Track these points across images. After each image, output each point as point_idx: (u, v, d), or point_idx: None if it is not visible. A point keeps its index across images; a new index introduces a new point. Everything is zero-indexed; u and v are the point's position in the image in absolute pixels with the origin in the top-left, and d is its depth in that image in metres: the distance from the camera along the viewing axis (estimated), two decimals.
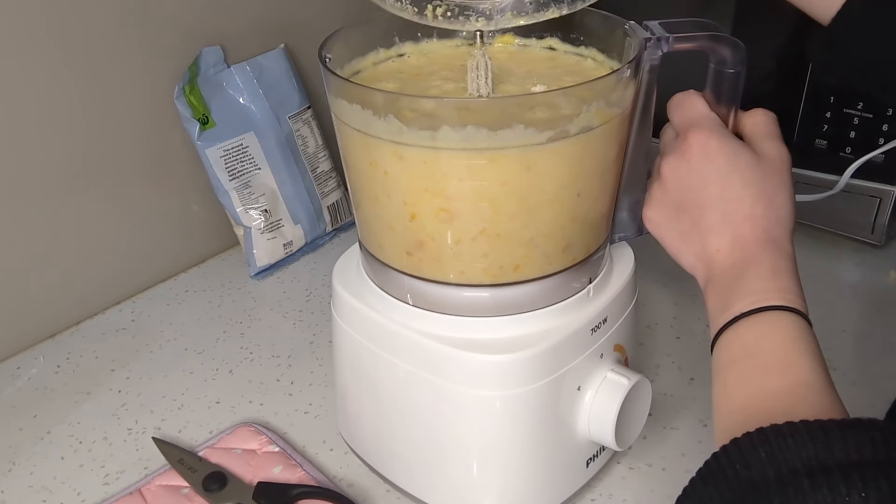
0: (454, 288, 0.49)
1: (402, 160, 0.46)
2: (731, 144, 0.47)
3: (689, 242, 0.49)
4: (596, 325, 0.51)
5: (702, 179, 0.47)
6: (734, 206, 0.46)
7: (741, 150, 0.47)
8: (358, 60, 0.54)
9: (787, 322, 0.43)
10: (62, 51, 0.69)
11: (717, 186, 0.47)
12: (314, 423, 0.64)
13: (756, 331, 0.43)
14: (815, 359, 0.41)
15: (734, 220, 0.46)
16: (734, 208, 0.46)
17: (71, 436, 0.64)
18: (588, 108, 0.44)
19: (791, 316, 0.43)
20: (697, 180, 0.47)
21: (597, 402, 0.51)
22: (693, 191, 0.48)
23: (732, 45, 0.50)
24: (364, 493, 0.57)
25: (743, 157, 0.47)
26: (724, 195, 0.47)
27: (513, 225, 0.46)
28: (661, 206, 0.50)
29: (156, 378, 0.70)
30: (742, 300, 0.44)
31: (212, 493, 0.56)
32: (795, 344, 0.42)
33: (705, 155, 0.47)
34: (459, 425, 0.51)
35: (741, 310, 0.44)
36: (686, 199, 0.48)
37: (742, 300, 0.44)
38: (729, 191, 0.46)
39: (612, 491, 0.57)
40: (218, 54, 0.79)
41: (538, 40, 0.56)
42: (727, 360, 0.44)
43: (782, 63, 0.76)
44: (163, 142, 0.79)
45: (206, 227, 0.86)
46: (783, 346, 0.42)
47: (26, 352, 0.74)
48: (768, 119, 0.50)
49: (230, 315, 0.78)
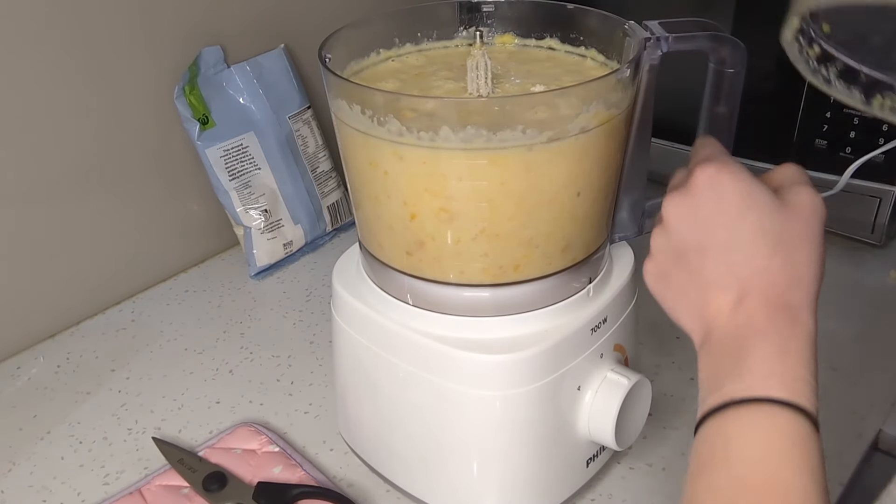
0: (454, 288, 0.49)
1: (402, 160, 0.46)
2: (746, 181, 0.40)
3: (687, 297, 0.41)
4: (596, 325, 0.51)
5: (708, 220, 0.40)
6: (744, 255, 0.39)
7: (759, 188, 0.40)
8: (358, 60, 0.54)
9: (785, 423, 0.34)
10: (62, 51, 0.69)
11: (725, 230, 0.39)
12: (314, 423, 0.64)
13: (743, 429, 0.35)
14: (812, 478, 0.33)
15: (742, 274, 0.39)
16: (744, 259, 0.39)
17: (71, 436, 0.64)
18: (588, 108, 0.44)
19: (792, 415, 0.35)
20: (703, 221, 0.40)
21: (597, 402, 0.51)
22: (697, 233, 0.40)
23: (732, 45, 0.50)
24: (364, 493, 0.57)
25: (760, 196, 0.39)
26: (733, 241, 0.39)
27: (512, 225, 0.46)
28: (662, 254, 0.43)
29: (156, 378, 0.70)
30: (735, 382, 0.36)
31: (212, 493, 0.56)
32: (789, 456, 0.34)
33: (714, 191, 0.40)
34: (459, 425, 0.51)
35: (732, 395, 0.36)
36: (688, 244, 0.41)
37: (735, 382, 0.36)
38: (740, 236, 0.39)
39: (612, 491, 0.57)
40: (218, 54, 0.79)
41: (538, 40, 0.56)
42: (703, 459, 0.36)
43: (782, 63, 0.76)
44: (163, 142, 0.79)
45: (206, 227, 0.86)
46: (772, 458, 0.34)
47: (26, 352, 0.74)
48: (798, 169, 0.43)
49: (230, 315, 0.78)
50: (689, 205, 0.41)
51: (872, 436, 0.60)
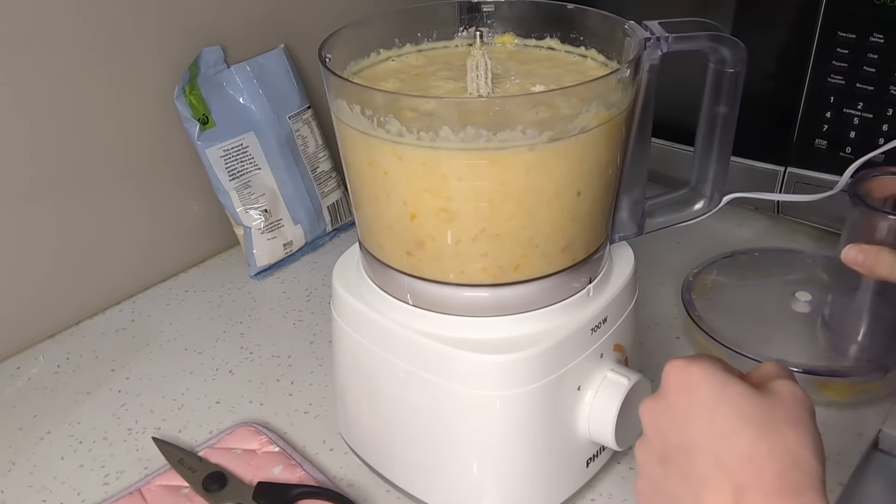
0: (454, 288, 0.49)
1: (402, 160, 0.46)
2: (719, 373, 0.38)
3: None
4: (596, 324, 0.51)
5: (684, 416, 0.38)
6: (728, 444, 0.35)
7: (732, 380, 0.38)
8: (358, 60, 0.54)
9: None
10: (62, 51, 0.69)
11: (703, 421, 0.37)
12: (314, 423, 0.64)
13: None
14: None
15: (731, 465, 0.35)
16: (728, 448, 0.35)
17: (71, 436, 0.64)
18: (588, 108, 0.44)
19: None
20: (679, 418, 0.38)
21: (597, 402, 0.51)
22: (676, 432, 0.38)
23: (732, 45, 0.50)
24: (364, 493, 0.57)
25: (735, 386, 0.37)
26: (713, 430, 0.36)
27: (512, 225, 0.46)
28: (648, 466, 0.40)
29: (156, 378, 0.70)
30: None
31: (212, 493, 0.56)
32: None
33: (686, 386, 0.38)
34: (459, 425, 0.51)
35: None
36: (670, 447, 0.38)
37: None
38: (719, 424, 0.36)
39: (612, 491, 0.57)
40: (218, 54, 0.79)
41: (538, 40, 0.56)
42: None
43: (782, 63, 0.76)
44: (163, 142, 0.79)
45: (206, 227, 0.86)
46: None
47: (26, 352, 0.74)
48: (779, 365, 0.41)
49: (230, 315, 0.78)
50: (663, 406, 0.39)
51: (873, 436, 0.60)
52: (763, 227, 0.86)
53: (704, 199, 0.57)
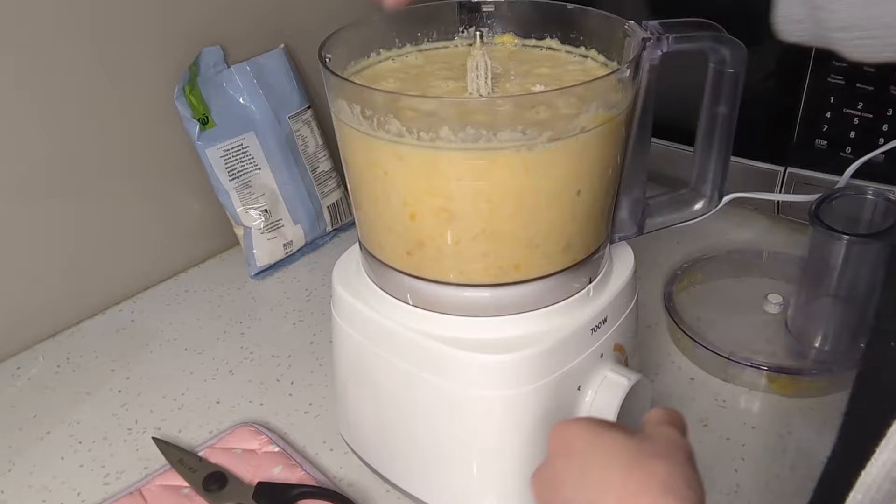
0: (454, 288, 0.49)
1: (402, 160, 0.46)
2: (593, 426, 0.39)
3: None
4: (596, 324, 0.51)
5: (564, 473, 0.38)
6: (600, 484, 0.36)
7: (606, 428, 0.39)
8: (358, 61, 0.54)
9: None
10: (61, 50, 0.69)
11: (577, 472, 0.37)
12: (314, 423, 0.64)
13: None
14: None
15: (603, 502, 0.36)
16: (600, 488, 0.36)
17: (71, 436, 0.64)
18: (588, 108, 0.44)
19: None
20: (560, 477, 0.38)
21: (597, 402, 0.51)
22: (556, 490, 0.38)
23: (732, 45, 0.50)
24: (364, 493, 0.57)
25: (608, 433, 0.38)
26: (588, 479, 0.37)
27: (512, 225, 0.46)
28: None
29: (156, 378, 0.70)
30: None
31: (212, 493, 0.56)
32: None
33: (564, 445, 0.39)
34: (459, 425, 0.51)
35: None
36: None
37: None
38: (592, 472, 0.37)
39: None
40: (218, 54, 0.79)
41: (538, 40, 0.56)
42: None
43: (782, 63, 0.76)
44: (163, 142, 0.79)
45: (206, 227, 0.86)
46: None
47: (26, 352, 0.74)
48: (665, 412, 0.41)
49: (230, 315, 0.78)
50: (548, 471, 0.40)
51: None
52: (763, 227, 0.86)
53: (704, 199, 0.57)
